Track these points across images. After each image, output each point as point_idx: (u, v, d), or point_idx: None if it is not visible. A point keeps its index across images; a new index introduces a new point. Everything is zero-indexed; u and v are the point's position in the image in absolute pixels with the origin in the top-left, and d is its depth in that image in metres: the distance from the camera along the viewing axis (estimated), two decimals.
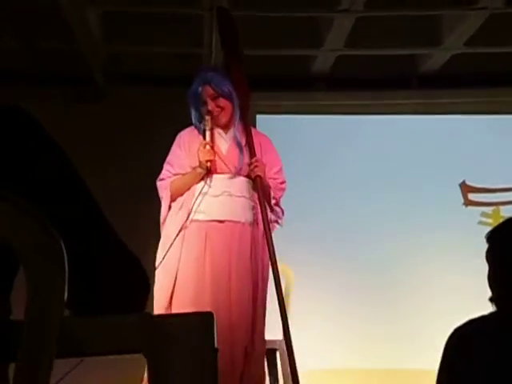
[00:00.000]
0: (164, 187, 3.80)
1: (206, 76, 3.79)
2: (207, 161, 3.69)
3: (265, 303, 3.74)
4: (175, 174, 3.80)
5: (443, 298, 5.22)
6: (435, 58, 5.34)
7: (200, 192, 3.71)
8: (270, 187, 3.80)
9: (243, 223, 3.73)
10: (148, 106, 5.36)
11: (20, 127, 1.16)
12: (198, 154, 3.71)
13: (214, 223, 3.70)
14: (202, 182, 3.73)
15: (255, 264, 3.72)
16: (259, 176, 3.72)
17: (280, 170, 3.91)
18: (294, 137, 5.58)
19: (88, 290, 1.14)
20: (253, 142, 3.78)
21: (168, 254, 3.66)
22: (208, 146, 3.71)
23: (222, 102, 3.77)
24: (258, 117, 5.52)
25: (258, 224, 3.75)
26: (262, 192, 3.72)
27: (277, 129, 5.46)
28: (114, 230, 1.19)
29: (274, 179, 3.85)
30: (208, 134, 3.73)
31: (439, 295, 5.28)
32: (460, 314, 2.23)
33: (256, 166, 3.72)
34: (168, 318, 1.10)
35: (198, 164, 3.73)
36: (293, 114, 5.68)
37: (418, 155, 5.61)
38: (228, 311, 3.56)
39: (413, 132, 5.68)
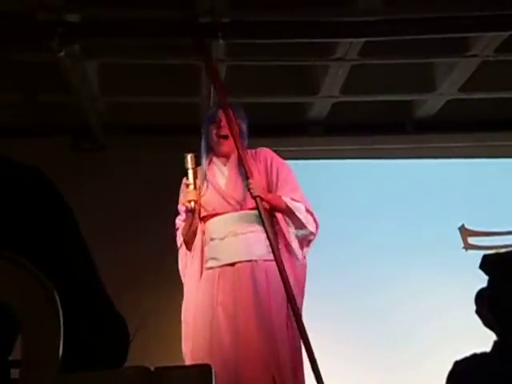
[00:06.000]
0: (178, 236, 3.81)
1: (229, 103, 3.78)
2: (189, 201, 3.68)
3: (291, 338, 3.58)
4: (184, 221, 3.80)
5: (443, 342, 5.16)
6: (430, 104, 5.38)
7: (207, 238, 3.70)
8: (279, 198, 3.68)
9: (256, 260, 3.63)
10: (146, 155, 5.38)
11: (38, 189, 1.19)
12: (180, 196, 3.74)
13: (225, 267, 3.64)
14: (207, 227, 3.71)
15: (275, 301, 3.57)
16: (258, 197, 3.60)
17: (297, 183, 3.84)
18: None
19: (70, 345, 1.13)
20: (247, 165, 3.65)
21: (185, 305, 3.67)
22: (191, 187, 3.69)
23: (234, 129, 3.69)
24: None
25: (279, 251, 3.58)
26: (268, 211, 3.65)
27: None
28: (103, 288, 1.20)
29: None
30: (190, 172, 3.69)
31: (439, 339, 5.22)
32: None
33: (251, 188, 3.59)
34: (166, 371, 1.09)
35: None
36: (290, 160, 5.69)
37: (415, 199, 5.60)
38: (249, 352, 3.48)
39: (410, 176, 5.68)
